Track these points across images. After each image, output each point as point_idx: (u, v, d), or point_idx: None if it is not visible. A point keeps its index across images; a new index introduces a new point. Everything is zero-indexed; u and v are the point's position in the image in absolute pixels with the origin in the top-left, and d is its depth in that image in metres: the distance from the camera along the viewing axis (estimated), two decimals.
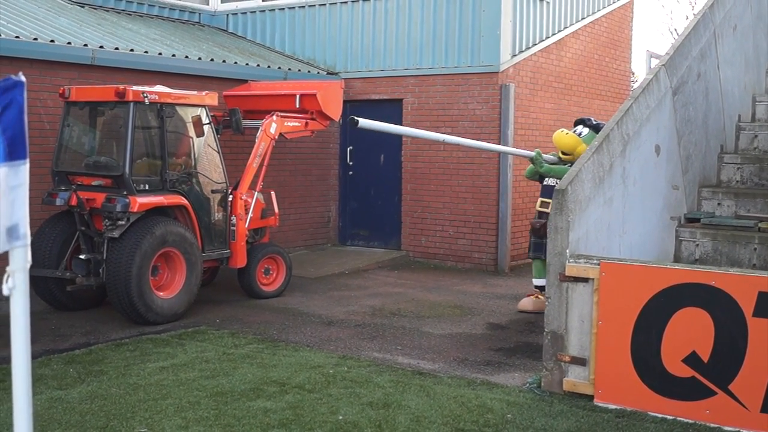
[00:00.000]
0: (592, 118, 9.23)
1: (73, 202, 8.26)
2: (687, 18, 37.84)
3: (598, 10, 14.37)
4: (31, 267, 7.84)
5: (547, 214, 7.70)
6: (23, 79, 2.14)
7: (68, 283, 8.36)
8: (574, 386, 5.90)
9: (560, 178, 7.63)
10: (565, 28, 13.43)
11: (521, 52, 12.28)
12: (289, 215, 12.31)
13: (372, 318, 8.59)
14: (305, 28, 13.71)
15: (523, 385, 6.23)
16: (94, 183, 8.37)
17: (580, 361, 5.88)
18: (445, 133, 11.90)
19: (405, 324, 8.31)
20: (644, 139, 7.12)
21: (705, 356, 5.42)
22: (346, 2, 13.26)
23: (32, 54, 9.47)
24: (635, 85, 20.99)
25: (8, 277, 2.17)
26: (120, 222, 7.95)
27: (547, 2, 12.95)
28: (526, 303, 9.01)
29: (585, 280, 5.83)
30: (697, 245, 7.92)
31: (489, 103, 11.89)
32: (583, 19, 13.89)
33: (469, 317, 8.71)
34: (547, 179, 8.99)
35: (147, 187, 8.31)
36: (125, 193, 8.04)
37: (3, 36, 9.18)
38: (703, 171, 8.55)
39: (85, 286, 8.23)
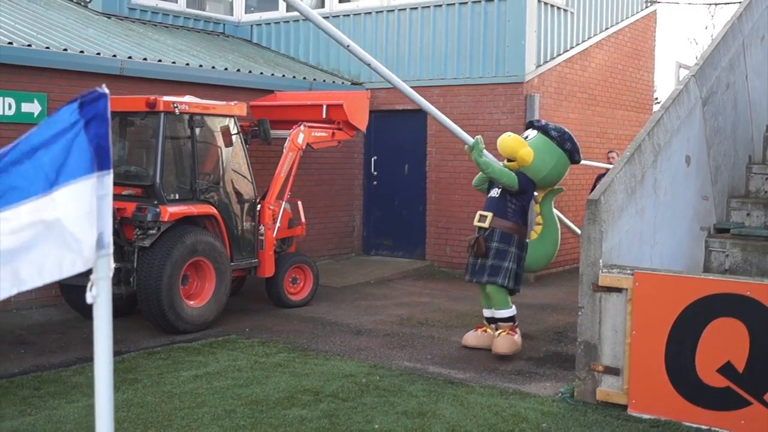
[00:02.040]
0: (543, 120, 8.07)
1: None
2: (706, 28, 37.74)
3: (622, 20, 14.37)
4: None
5: (484, 229, 7.45)
6: (107, 91, 2.18)
7: None
8: (607, 396, 5.89)
9: (501, 182, 7.38)
10: (590, 38, 13.44)
11: (546, 62, 12.30)
12: (314, 225, 12.35)
13: (400, 327, 8.61)
14: (330, 39, 13.71)
15: (555, 394, 6.22)
16: (125, 192, 8.44)
17: (614, 371, 5.87)
18: None
19: (434, 333, 8.32)
20: (675, 149, 7.12)
21: (740, 366, 5.40)
22: (370, 13, 13.33)
23: (62, 65, 9.58)
24: (656, 95, 20.91)
25: (92, 285, 2.20)
26: (151, 231, 8.01)
27: (572, 12, 12.96)
28: (470, 338, 7.71)
29: (618, 290, 5.83)
30: (727, 256, 7.89)
31: (514, 114, 11.90)
32: (606, 29, 13.90)
33: None
34: (490, 191, 7.76)
35: (177, 197, 8.38)
36: (156, 202, 8.11)
37: (34, 47, 9.30)
38: (731, 181, 8.52)
39: (115, 294, 8.29)
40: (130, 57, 10.25)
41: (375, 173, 13.36)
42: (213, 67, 11.24)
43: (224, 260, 8.50)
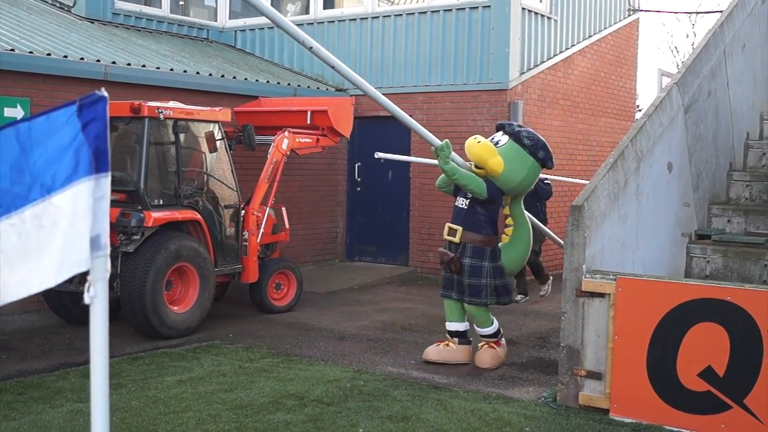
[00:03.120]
0: (515, 123, 7.56)
1: None
2: (687, 36, 38.10)
3: (605, 28, 14.50)
4: None
5: (456, 244, 7.13)
6: (106, 94, 2.20)
7: (81, 297, 8.36)
8: (589, 400, 5.93)
9: (469, 189, 6.98)
10: (573, 45, 13.55)
11: (529, 69, 12.39)
12: (298, 231, 12.36)
13: (384, 333, 8.63)
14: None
15: (538, 399, 6.27)
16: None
17: (596, 375, 5.92)
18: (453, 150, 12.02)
19: (417, 339, 8.35)
20: (657, 156, 7.19)
21: (720, 370, 5.46)
22: (354, 19, 13.38)
23: (46, 69, 9.55)
24: (638, 103, 21.06)
25: (89, 286, 2.22)
26: (134, 236, 8.00)
27: (555, 20, 13.07)
28: (431, 352, 7.38)
29: (601, 295, 5.88)
30: (708, 261, 7.97)
31: (497, 120, 11.91)
32: (589, 37, 14.01)
33: None
34: (456, 200, 7.33)
35: (161, 202, 8.37)
36: (140, 207, 8.11)
37: (17, 51, 9.27)
38: (712, 188, 8.61)
39: None
40: (114, 62, 10.24)
41: (359, 179, 13.40)
42: (197, 73, 11.24)
43: (208, 266, 8.50)
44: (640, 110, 21.13)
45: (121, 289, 7.99)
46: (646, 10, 17.17)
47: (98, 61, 10.07)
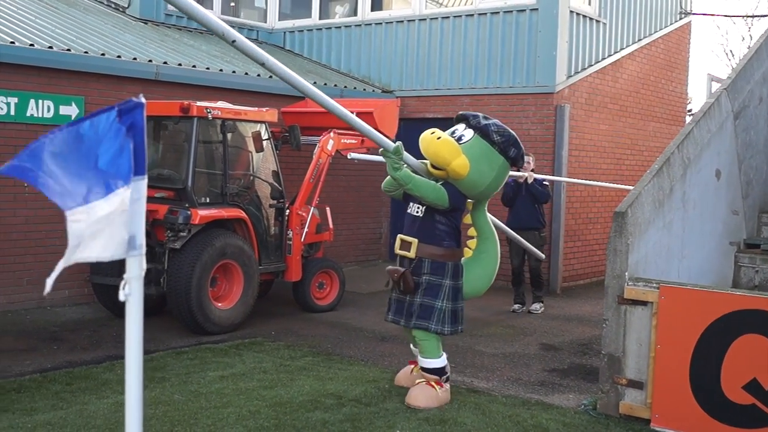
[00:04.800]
0: (480, 115, 6.21)
1: None
2: (743, 39, 37.39)
3: (655, 32, 14.33)
4: (94, 275, 8.15)
5: (409, 259, 6.02)
6: (143, 100, 2.28)
7: None
8: (630, 409, 5.89)
9: (427, 201, 5.85)
10: (622, 49, 13.42)
11: (577, 73, 12.30)
12: (341, 231, 12.44)
13: None
14: (361, 46, 13.90)
15: (578, 406, 6.23)
16: (157, 195, 8.56)
17: (637, 385, 5.87)
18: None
19: (458, 342, 8.34)
20: (705, 163, 7.10)
21: (767, 384, 5.38)
22: (402, 21, 13.42)
23: (100, 69, 9.76)
24: (691, 107, 20.77)
25: (125, 284, 2.30)
26: (181, 233, 8.14)
27: (604, 23, 12.95)
28: (402, 378, 6.50)
29: (644, 303, 5.83)
30: (757, 271, 7.85)
31: (543, 124, 11.91)
32: (639, 40, 13.86)
33: (522, 337, 8.72)
34: (409, 206, 6.15)
35: (208, 200, 8.51)
36: (187, 205, 8.24)
37: (73, 51, 9.50)
38: (763, 196, 8.48)
39: (146, 295, 8.41)
40: (165, 62, 10.42)
41: None
42: (246, 73, 11.38)
43: (252, 264, 8.61)
44: (690, 114, 20.83)
45: (168, 284, 8.13)
46: (698, 14, 16.93)
47: (150, 61, 10.26)
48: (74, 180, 2.26)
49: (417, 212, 6.07)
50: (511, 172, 10.12)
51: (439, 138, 5.88)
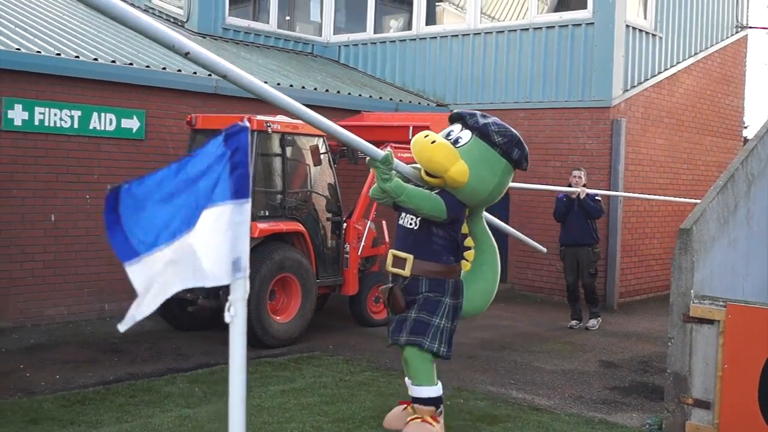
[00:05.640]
0: (477, 113, 5.52)
1: None
2: None
3: (711, 46, 14.14)
4: None
5: (403, 278, 5.41)
6: (248, 124, 2.32)
7: (188, 303, 8.69)
8: (697, 429, 5.79)
9: (422, 213, 5.23)
10: (678, 63, 13.27)
11: (633, 87, 12.19)
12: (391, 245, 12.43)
13: (482, 350, 8.62)
14: (415, 60, 13.95)
15: (642, 426, 6.15)
16: None
17: (704, 404, 5.77)
18: (553, 166, 11.88)
19: (516, 358, 8.31)
20: None
21: None
22: (456, 35, 13.43)
23: (161, 83, 9.94)
24: (746, 121, 20.39)
25: (230, 305, 2.34)
26: None
27: (660, 37, 12.82)
28: (392, 419, 5.77)
29: (710, 321, 5.73)
30: None
31: (599, 138, 11.82)
32: (695, 54, 13.70)
33: (581, 354, 8.64)
34: (401, 217, 5.55)
35: (267, 214, 8.59)
36: None
37: (135, 65, 9.68)
38: None
39: (205, 307, 8.55)
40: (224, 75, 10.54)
41: None
42: (303, 87, 11.49)
43: (310, 277, 8.66)
44: (746, 127, 20.46)
45: (227, 296, 8.20)
46: (754, 27, 16.67)
47: (210, 75, 10.40)
48: (181, 210, 2.31)
49: (411, 224, 5.41)
50: (564, 188, 10.04)
51: (433, 142, 5.20)
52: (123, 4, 3.31)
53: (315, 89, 11.63)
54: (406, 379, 5.70)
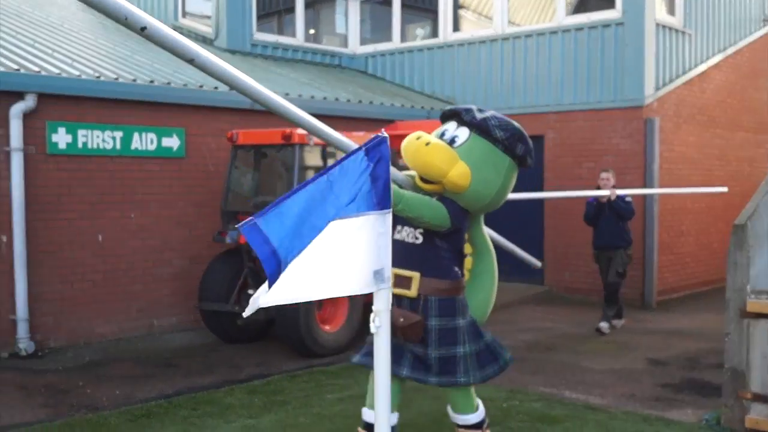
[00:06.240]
0: (474, 108, 4.85)
1: (242, 240, 8.72)
2: None
3: (740, 41, 14.12)
4: (203, 301, 8.27)
5: (409, 299, 4.70)
6: (386, 135, 2.40)
7: (237, 316, 8.81)
8: (756, 424, 5.81)
9: (423, 222, 4.52)
10: (707, 59, 13.27)
11: (665, 85, 12.20)
12: None
13: (528, 352, 8.67)
14: (444, 68, 14.04)
15: (699, 421, 6.18)
16: None
17: (763, 399, 5.80)
18: (587, 168, 11.90)
19: (563, 359, 8.35)
20: None
21: None
22: (484, 42, 13.51)
23: (198, 101, 10.09)
24: None
25: (375, 316, 2.41)
26: None
27: (689, 34, 12.84)
28: None
29: (767, 316, 5.77)
30: None
31: (633, 138, 11.84)
32: (724, 50, 13.69)
33: (627, 353, 8.66)
34: (398, 230, 4.75)
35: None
36: None
37: (173, 84, 9.84)
38: None
39: (255, 320, 8.66)
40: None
41: None
42: (336, 99, 11.61)
43: None
44: None
45: (276, 309, 8.32)
46: None
47: None
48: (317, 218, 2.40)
49: (413, 238, 4.75)
50: (593, 192, 9.92)
51: (428, 144, 4.58)
52: None
53: (348, 101, 11.74)
54: (366, 410, 5.24)
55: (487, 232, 5.32)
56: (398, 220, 4.64)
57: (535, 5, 13.79)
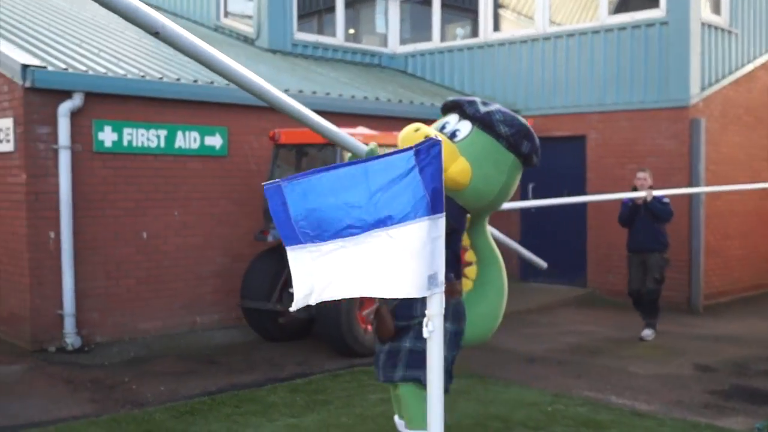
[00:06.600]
0: (478, 101, 4.63)
1: None
2: None
3: None
4: (244, 299, 8.23)
5: (399, 300, 4.40)
6: (440, 138, 2.38)
7: (278, 315, 8.84)
8: None
9: None
10: (754, 59, 13.04)
11: (710, 85, 12.02)
12: None
13: (572, 356, 8.58)
14: (484, 67, 13.96)
15: (750, 430, 6.06)
16: None
17: None
18: (630, 169, 11.76)
19: (608, 363, 8.25)
20: None
21: None
22: (525, 41, 13.41)
23: (240, 100, 10.08)
24: None
25: (428, 321, 2.39)
26: None
27: (736, 34, 12.63)
28: None
29: None
30: None
31: (678, 139, 11.67)
32: None
33: (673, 358, 8.53)
34: None
35: None
36: None
37: (216, 84, 9.89)
38: None
39: (295, 318, 8.68)
40: (300, 91, 10.73)
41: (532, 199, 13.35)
42: (377, 99, 11.60)
43: None
44: None
45: (318, 308, 8.32)
46: None
47: (286, 90, 10.56)
48: (351, 211, 2.39)
49: None
50: (629, 194, 9.66)
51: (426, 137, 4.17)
52: None
53: (389, 100, 11.72)
54: (396, 417, 4.99)
55: (491, 231, 5.06)
56: None
57: (577, 4, 13.66)
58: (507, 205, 6.05)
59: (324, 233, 2.51)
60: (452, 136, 4.49)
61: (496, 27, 14.16)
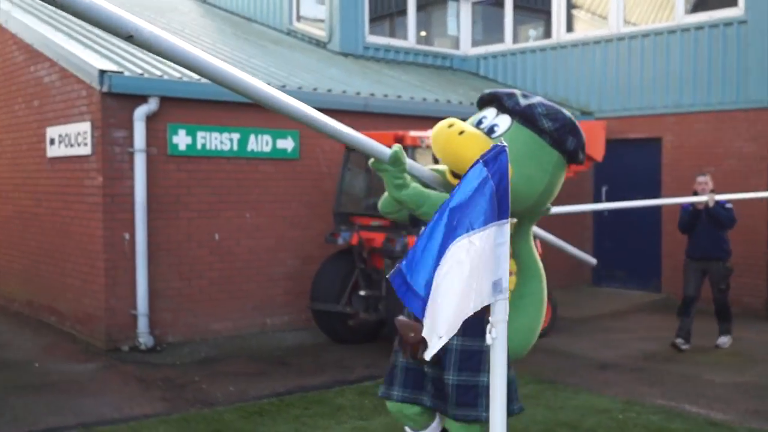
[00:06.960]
0: (518, 93, 4.23)
1: (354, 241, 8.80)
2: None
3: None
4: (314, 301, 8.23)
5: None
6: (506, 144, 2.36)
7: (348, 317, 8.88)
8: None
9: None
10: None
11: None
12: (545, 255, 12.27)
13: (645, 362, 8.39)
14: (557, 69, 13.79)
15: None
16: (373, 224, 8.85)
17: None
18: (708, 171, 11.49)
19: (682, 370, 8.04)
20: None
21: None
22: (599, 42, 13.20)
23: (312, 103, 9.89)
24: None
25: (491, 327, 2.37)
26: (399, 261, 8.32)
27: None
28: None
29: None
30: None
31: (758, 141, 11.31)
32: None
33: (752, 365, 8.28)
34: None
35: (423, 228, 8.67)
36: (404, 233, 8.44)
37: (287, 87, 10.00)
38: None
39: (365, 321, 8.71)
40: (372, 94, 10.78)
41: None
42: (448, 101, 11.56)
43: None
44: None
45: (386, 311, 8.34)
46: None
47: (358, 93, 10.64)
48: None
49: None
50: (689, 198, 9.29)
51: (461, 133, 4.01)
52: None
53: (460, 103, 11.67)
54: (407, 429, 4.69)
55: (535, 231, 4.50)
56: (423, 223, 4.10)
57: (652, 4, 13.36)
58: (557, 209, 5.64)
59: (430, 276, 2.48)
60: (490, 132, 4.13)
61: (570, 28, 13.97)
